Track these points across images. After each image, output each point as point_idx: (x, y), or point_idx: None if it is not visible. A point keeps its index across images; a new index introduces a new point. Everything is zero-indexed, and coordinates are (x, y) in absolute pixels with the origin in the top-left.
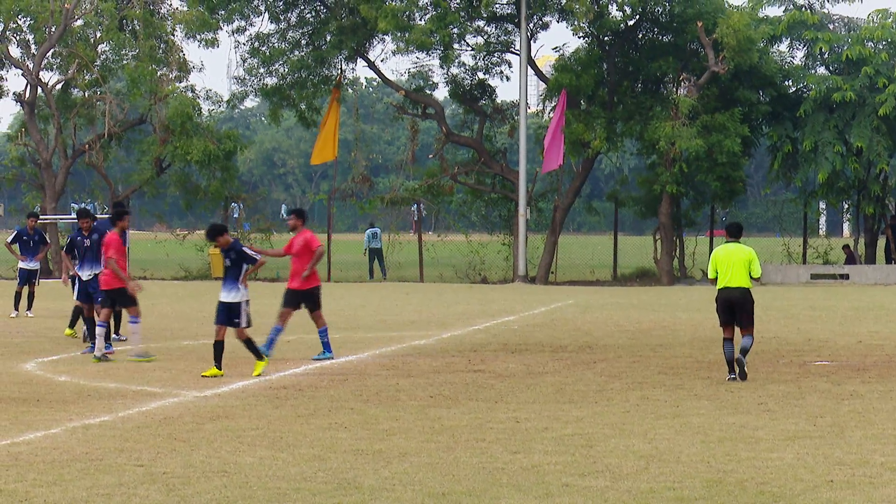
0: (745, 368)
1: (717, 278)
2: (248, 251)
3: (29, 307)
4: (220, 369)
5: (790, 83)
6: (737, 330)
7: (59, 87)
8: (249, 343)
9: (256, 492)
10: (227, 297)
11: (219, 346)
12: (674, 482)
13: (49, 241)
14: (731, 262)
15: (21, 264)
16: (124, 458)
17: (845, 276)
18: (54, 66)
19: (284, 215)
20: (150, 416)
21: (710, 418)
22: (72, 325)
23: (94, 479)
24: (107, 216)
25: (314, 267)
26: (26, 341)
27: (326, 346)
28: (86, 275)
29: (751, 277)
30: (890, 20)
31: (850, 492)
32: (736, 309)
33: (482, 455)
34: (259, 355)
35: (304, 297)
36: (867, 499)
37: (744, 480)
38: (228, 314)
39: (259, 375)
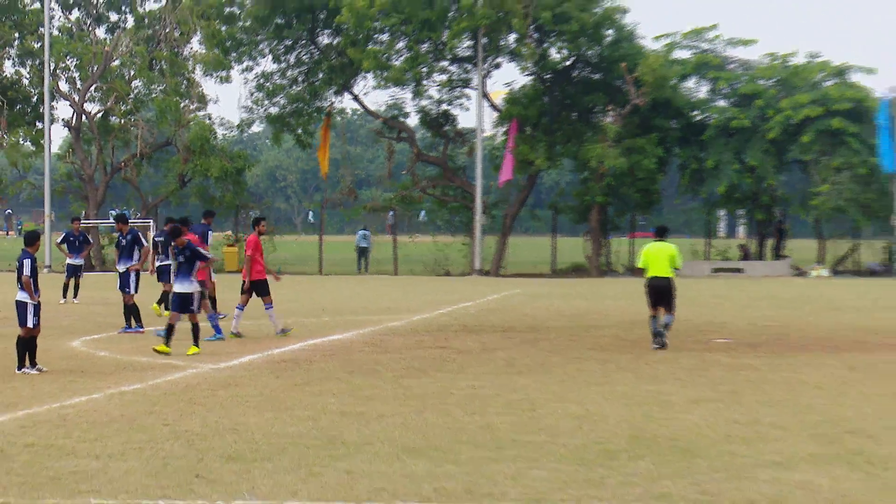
0: (666, 340)
1: (645, 269)
2: (202, 251)
3: (75, 295)
4: (169, 347)
5: (697, 113)
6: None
7: (99, 115)
8: (196, 328)
9: (261, 446)
10: (182, 288)
11: (170, 329)
12: (601, 438)
13: (91, 241)
14: (658, 257)
15: (68, 260)
16: (153, 419)
17: (741, 270)
18: (96, 99)
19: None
20: (174, 385)
21: (631, 386)
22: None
23: (127, 435)
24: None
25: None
26: (72, 323)
27: (217, 329)
28: (121, 268)
29: (673, 269)
30: (778, 62)
31: (744, 446)
32: (661, 294)
33: (446, 416)
34: (196, 341)
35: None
36: (758, 451)
37: (658, 436)
38: (183, 303)
39: (192, 354)
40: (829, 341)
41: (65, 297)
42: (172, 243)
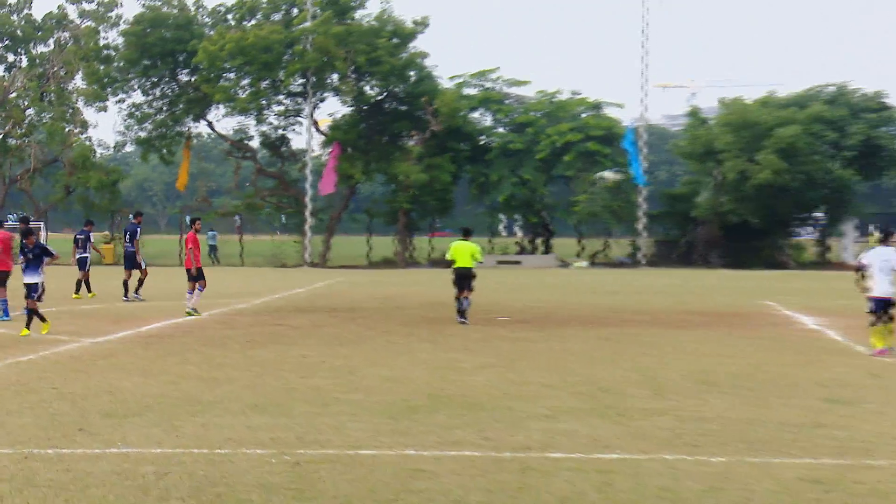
0: (467, 318)
1: (453, 261)
2: (48, 248)
3: None
4: (27, 328)
5: (482, 138)
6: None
7: (0, 137)
8: (37, 311)
9: (132, 405)
10: (31, 279)
11: (31, 312)
12: (407, 396)
13: None
14: (463, 251)
15: None
16: (43, 383)
17: (517, 262)
18: None
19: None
20: (61, 356)
21: (431, 354)
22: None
23: (22, 397)
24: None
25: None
26: None
27: (6, 311)
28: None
29: (475, 262)
30: (546, 98)
31: (520, 401)
32: (465, 280)
33: (282, 380)
34: (43, 319)
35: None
36: (530, 406)
37: (452, 394)
38: (30, 291)
39: (25, 336)
40: (586, 318)
41: None
42: (24, 241)
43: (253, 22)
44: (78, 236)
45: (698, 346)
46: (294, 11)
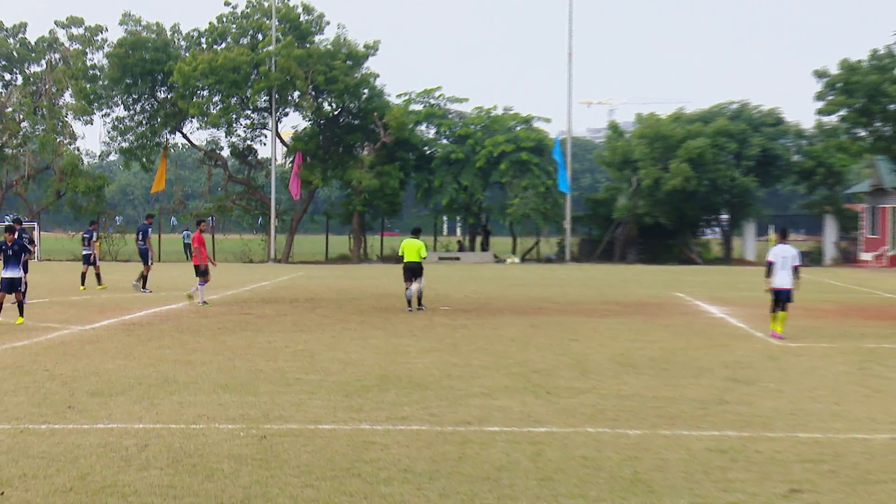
0: (418, 304)
1: (403, 256)
2: (28, 246)
3: None
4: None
5: (427, 148)
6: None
7: None
8: (21, 304)
9: (116, 385)
10: (12, 274)
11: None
12: (360, 377)
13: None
14: (412, 248)
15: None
16: (37, 366)
17: (458, 258)
18: None
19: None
20: (52, 342)
21: (381, 340)
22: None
23: (18, 378)
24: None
25: None
26: None
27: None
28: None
29: (421, 257)
30: (483, 113)
31: (460, 381)
32: (413, 272)
33: (249, 362)
34: (22, 313)
35: None
36: (470, 385)
37: (400, 375)
38: (12, 285)
39: (20, 324)
40: (518, 307)
41: None
42: (2, 238)
43: (223, 45)
44: (84, 235)
45: (618, 332)
46: (260, 36)
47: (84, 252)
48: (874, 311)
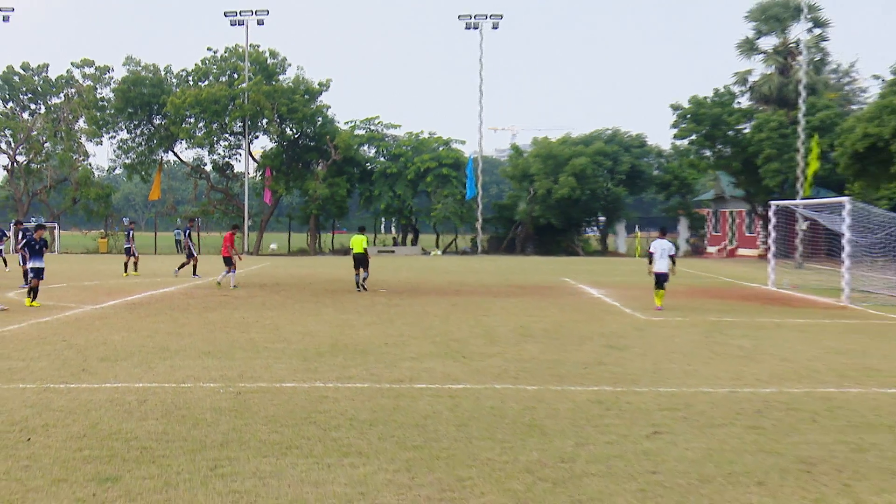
0: (365, 286)
1: (352, 249)
2: (47, 242)
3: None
4: (36, 300)
5: (369, 164)
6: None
7: (25, 163)
8: (37, 288)
9: (120, 352)
10: (40, 264)
11: (35, 289)
12: (316, 345)
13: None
14: (359, 242)
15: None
16: (56, 337)
17: (393, 251)
18: (22, 153)
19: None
20: (69, 318)
21: (332, 316)
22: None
23: (40, 347)
24: (49, 223)
25: None
26: (9, 283)
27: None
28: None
29: (365, 249)
30: (412, 136)
31: (395, 348)
32: (360, 262)
33: (227, 334)
34: (35, 297)
35: None
36: (402, 351)
37: (347, 343)
38: (40, 273)
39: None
40: (441, 290)
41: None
42: (34, 235)
43: (206, 82)
44: (125, 232)
45: (519, 309)
46: (235, 75)
47: (126, 246)
48: (716, 292)
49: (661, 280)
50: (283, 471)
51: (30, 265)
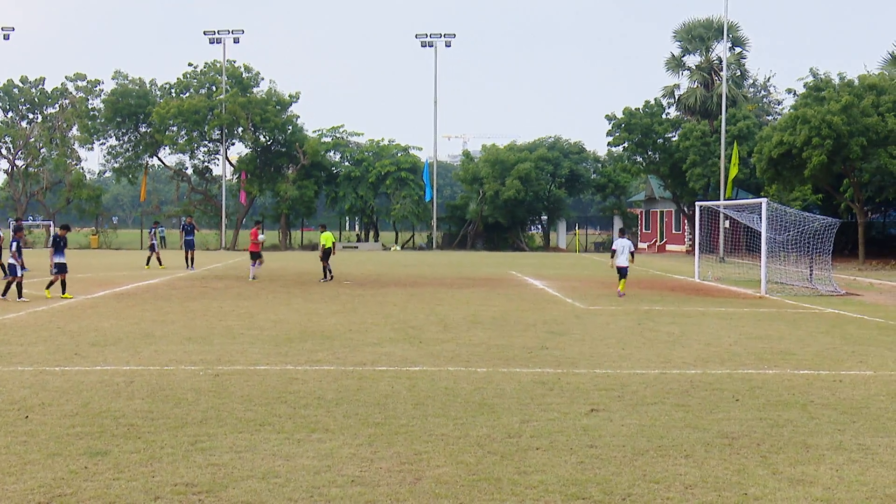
0: (330, 277)
1: (321, 245)
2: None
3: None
4: (67, 292)
5: (335, 168)
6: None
7: (23, 167)
8: (65, 282)
9: (109, 338)
10: (64, 260)
11: (60, 282)
12: (286, 332)
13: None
14: (326, 238)
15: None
16: (52, 324)
17: (356, 247)
18: (21, 157)
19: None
20: (63, 307)
21: (301, 305)
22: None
23: (37, 332)
24: (43, 221)
25: None
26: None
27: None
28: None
29: (333, 244)
30: (374, 143)
31: (358, 334)
32: (326, 255)
33: (206, 321)
34: (64, 290)
35: None
36: (365, 337)
37: (315, 330)
38: (63, 268)
39: (57, 297)
40: (399, 281)
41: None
42: (58, 235)
43: (187, 94)
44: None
45: (469, 298)
46: (213, 88)
47: (151, 242)
48: (647, 284)
49: (622, 273)
50: (257, 445)
51: (55, 261)
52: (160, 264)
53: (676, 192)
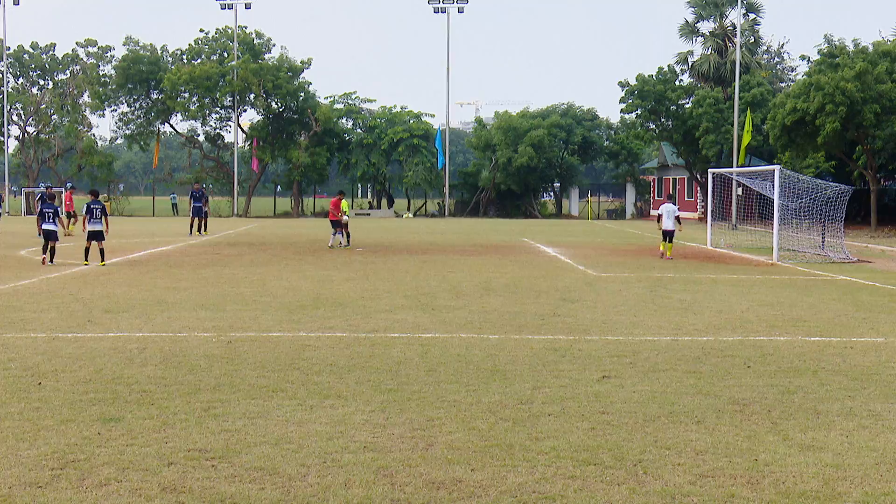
0: (337, 245)
1: (343, 212)
2: (105, 209)
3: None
4: (103, 261)
5: (347, 135)
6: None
7: (35, 133)
8: (102, 251)
9: (122, 304)
10: (96, 227)
11: (88, 250)
12: (299, 298)
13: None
14: (346, 206)
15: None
16: (64, 291)
17: (369, 214)
18: (32, 124)
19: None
20: (76, 274)
21: (313, 272)
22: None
23: (49, 299)
24: (56, 188)
25: None
26: (23, 241)
27: None
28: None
29: (346, 212)
30: (386, 110)
31: (370, 301)
32: (336, 224)
33: (218, 288)
34: (103, 258)
35: None
36: (377, 304)
37: (328, 297)
38: (97, 236)
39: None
40: (412, 248)
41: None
42: (92, 202)
43: (199, 60)
44: (194, 193)
45: (482, 266)
46: (225, 54)
47: (194, 205)
48: (659, 251)
49: (668, 235)
50: (269, 412)
51: (89, 228)
52: (205, 230)
53: (689, 160)
